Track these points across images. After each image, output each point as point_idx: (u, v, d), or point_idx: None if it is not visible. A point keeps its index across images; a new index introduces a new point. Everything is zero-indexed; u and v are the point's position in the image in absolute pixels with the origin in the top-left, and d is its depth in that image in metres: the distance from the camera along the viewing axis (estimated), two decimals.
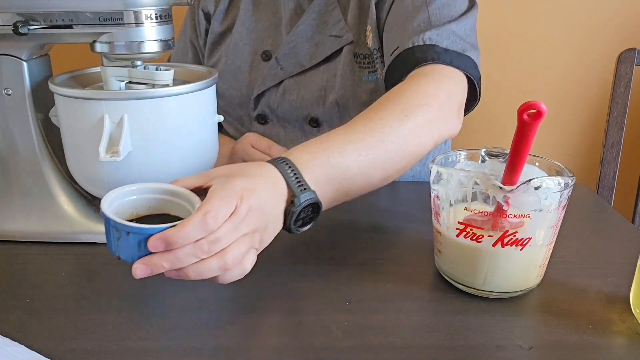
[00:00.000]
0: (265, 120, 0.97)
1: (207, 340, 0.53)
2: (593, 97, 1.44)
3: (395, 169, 0.66)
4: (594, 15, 1.37)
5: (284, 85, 0.94)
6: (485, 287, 0.59)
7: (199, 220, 0.49)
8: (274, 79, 0.94)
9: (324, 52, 0.91)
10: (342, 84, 0.90)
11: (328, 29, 0.91)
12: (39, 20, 0.64)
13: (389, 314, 0.57)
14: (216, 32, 1.01)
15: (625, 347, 0.53)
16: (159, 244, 0.49)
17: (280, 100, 0.94)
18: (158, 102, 0.66)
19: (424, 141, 0.68)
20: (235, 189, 0.53)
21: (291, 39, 0.92)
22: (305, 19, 0.92)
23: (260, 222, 0.54)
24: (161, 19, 0.66)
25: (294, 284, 0.62)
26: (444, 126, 0.71)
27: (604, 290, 0.61)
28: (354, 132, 0.63)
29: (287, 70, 0.93)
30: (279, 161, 0.58)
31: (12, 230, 0.71)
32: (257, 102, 0.97)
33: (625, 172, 1.24)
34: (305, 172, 0.58)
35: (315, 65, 0.92)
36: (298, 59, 0.92)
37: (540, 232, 0.56)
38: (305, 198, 0.57)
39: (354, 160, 0.61)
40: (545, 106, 0.52)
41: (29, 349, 0.50)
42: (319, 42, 0.91)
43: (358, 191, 0.64)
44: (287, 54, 0.92)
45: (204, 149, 0.74)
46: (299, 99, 0.93)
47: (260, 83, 0.95)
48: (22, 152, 0.71)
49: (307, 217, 0.59)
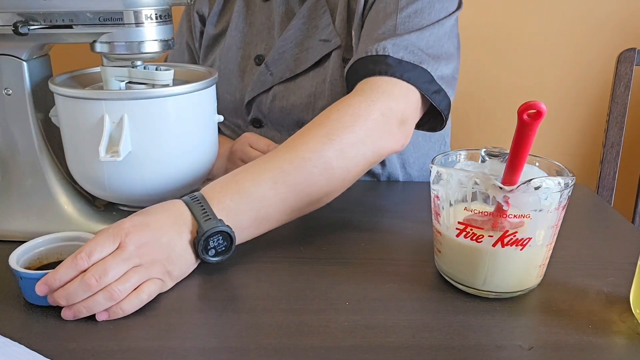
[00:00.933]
0: (260, 124, 0.97)
1: (207, 340, 0.53)
2: (593, 97, 1.44)
3: (323, 191, 0.67)
4: (593, 15, 1.37)
5: (273, 91, 0.92)
6: (485, 287, 0.59)
7: (70, 261, 0.55)
8: (264, 84, 0.92)
9: (313, 57, 0.89)
10: (331, 90, 0.88)
11: (317, 33, 0.89)
12: (39, 21, 0.64)
13: (389, 314, 0.57)
14: (210, 34, 1.00)
15: (625, 347, 0.53)
16: (43, 288, 0.55)
17: (270, 107, 0.93)
18: (158, 102, 0.66)
19: (354, 162, 0.68)
20: (122, 227, 0.58)
21: (280, 44, 0.91)
22: (295, 23, 0.90)
23: (157, 254, 0.58)
24: (161, 19, 0.66)
25: (294, 284, 0.62)
26: (379, 144, 0.71)
27: (604, 290, 0.61)
28: (273, 160, 0.66)
29: (276, 76, 0.91)
30: (190, 196, 0.62)
31: (12, 230, 0.71)
32: (249, 107, 0.96)
33: (625, 172, 1.24)
34: (213, 203, 0.61)
35: (305, 70, 0.90)
36: (287, 64, 0.91)
37: (540, 232, 0.56)
38: (209, 227, 0.59)
39: (270, 188, 0.63)
40: (545, 106, 0.52)
41: (29, 349, 0.50)
42: (308, 47, 0.89)
43: (282, 217, 0.66)
44: (276, 59, 0.91)
45: (203, 149, 0.74)
46: (289, 105, 0.91)
47: (250, 89, 0.93)
48: (22, 152, 0.71)
49: (220, 247, 0.62)
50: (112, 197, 0.72)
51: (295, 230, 0.74)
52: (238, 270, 0.65)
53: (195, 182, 0.75)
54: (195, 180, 0.74)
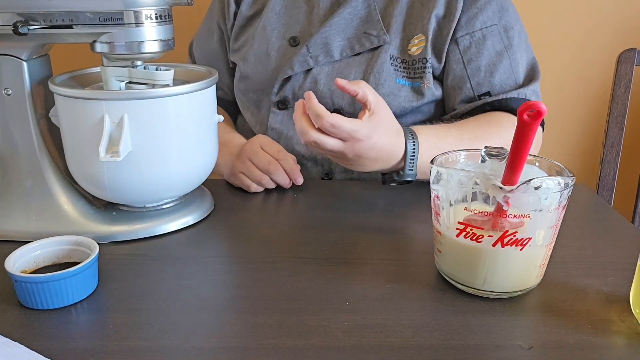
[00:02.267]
0: (286, 106, 0.98)
1: (207, 340, 0.53)
2: (593, 98, 1.44)
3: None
4: (593, 15, 1.37)
5: (312, 74, 0.94)
6: (485, 287, 0.59)
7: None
8: (303, 65, 0.94)
9: (357, 48, 0.93)
10: (374, 82, 0.91)
11: (364, 26, 0.93)
12: (39, 20, 0.64)
13: (389, 314, 0.57)
14: (245, 15, 1.02)
15: (624, 347, 0.53)
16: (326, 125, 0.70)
17: (307, 88, 0.94)
18: (158, 102, 0.66)
19: None
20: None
21: (325, 29, 0.93)
22: (342, 12, 0.93)
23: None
24: (161, 19, 0.66)
25: (294, 284, 0.62)
26: None
27: (603, 290, 0.61)
28: (457, 132, 0.85)
29: (317, 60, 0.93)
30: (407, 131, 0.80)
31: (12, 230, 0.71)
32: (281, 86, 0.97)
33: (625, 172, 1.24)
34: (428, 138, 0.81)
35: (347, 58, 0.94)
36: (329, 50, 0.93)
37: (540, 232, 0.56)
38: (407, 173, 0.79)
39: (450, 145, 0.81)
40: (545, 106, 0.52)
41: (29, 349, 0.50)
42: (352, 37, 0.93)
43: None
44: (318, 43, 0.93)
45: (203, 149, 0.74)
46: (327, 89, 0.94)
47: (287, 67, 0.94)
48: (22, 152, 0.71)
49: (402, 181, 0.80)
50: (112, 197, 0.72)
51: (295, 230, 0.74)
52: (238, 270, 0.66)
53: (195, 182, 0.75)
54: (195, 180, 0.74)
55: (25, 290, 0.56)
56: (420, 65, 0.92)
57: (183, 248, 0.70)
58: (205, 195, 0.81)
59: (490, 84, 0.92)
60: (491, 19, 0.91)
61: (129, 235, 0.71)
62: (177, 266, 0.66)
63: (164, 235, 0.72)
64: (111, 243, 0.70)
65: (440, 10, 0.91)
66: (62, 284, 0.56)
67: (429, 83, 0.92)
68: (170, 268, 0.65)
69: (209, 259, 0.68)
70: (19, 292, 0.57)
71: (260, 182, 0.86)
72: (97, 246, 0.61)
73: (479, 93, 0.93)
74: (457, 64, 0.92)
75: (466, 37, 0.92)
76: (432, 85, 0.93)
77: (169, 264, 0.66)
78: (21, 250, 0.60)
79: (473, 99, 0.93)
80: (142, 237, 0.71)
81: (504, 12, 0.92)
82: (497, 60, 0.92)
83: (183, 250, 0.70)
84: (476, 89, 0.93)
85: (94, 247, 0.60)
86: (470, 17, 0.91)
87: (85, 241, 0.62)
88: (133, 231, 0.71)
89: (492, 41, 0.92)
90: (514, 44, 0.92)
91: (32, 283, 0.56)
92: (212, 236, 0.74)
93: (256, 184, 0.86)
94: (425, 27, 0.91)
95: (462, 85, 0.93)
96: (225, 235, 0.74)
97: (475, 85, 0.93)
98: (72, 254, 0.62)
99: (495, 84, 0.92)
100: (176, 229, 0.73)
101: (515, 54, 0.92)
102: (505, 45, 0.92)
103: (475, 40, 0.91)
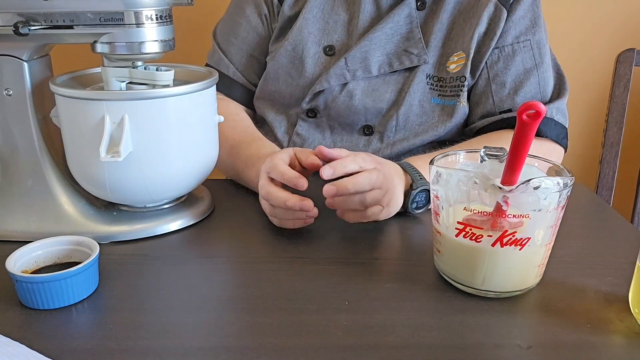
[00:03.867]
0: (315, 115, 0.95)
1: (207, 339, 0.53)
2: (592, 97, 1.44)
3: None
4: (593, 15, 1.37)
5: (348, 88, 0.91)
6: (484, 286, 0.59)
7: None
8: (339, 79, 0.91)
9: (396, 65, 0.90)
10: (408, 101, 0.89)
11: (404, 43, 0.90)
12: (40, 21, 0.64)
13: (389, 314, 0.57)
14: (286, 15, 0.97)
15: (623, 346, 0.53)
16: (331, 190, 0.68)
17: (340, 102, 0.92)
18: (158, 102, 0.66)
19: None
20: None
21: (365, 43, 0.90)
22: (384, 26, 0.90)
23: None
24: (161, 19, 0.66)
25: (294, 284, 0.62)
26: None
27: (602, 290, 0.61)
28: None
29: (354, 74, 0.91)
30: (399, 163, 0.78)
31: (12, 230, 0.71)
32: (314, 96, 0.93)
33: (624, 172, 1.24)
34: (422, 170, 0.77)
35: (384, 75, 0.91)
36: (367, 65, 0.90)
37: (539, 232, 0.57)
38: (420, 184, 0.75)
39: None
40: (544, 106, 0.52)
41: (29, 348, 0.50)
42: (392, 53, 0.90)
43: None
44: (357, 57, 0.90)
45: (204, 149, 0.74)
46: (361, 105, 0.91)
47: (324, 79, 0.91)
48: (22, 152, 0.71)
49: (421, 202, 0.77)
50: (113, 197, 0.72)
51: (295, 230, 0.74)
52: (238, 270, 0.66)
53: (195, 182, 0.75)
54: (195, 180, 0.74)
55: (26, 290, 0.56)
56: (458, 83, 0.89)
57: (183, 248, 0.70)
58: (205, 195, 0.81)
59: (513, 102, 0.88)
60: (524, 34, 0.89)
61: (130, 235, 0.71)
62: (177, 266, 0.66)
63: (164, 235, 0.72)
64: (112, 243, 0.70)
65: (482, 27, 0.88)
66: (63, 284, 0.57)
67: (463, 101, 0.89)
68: (170, 268, 0.65)
69: (209, 259, 0.68)
70: (20, 292, 0.57)
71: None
72: (98, 246, 0.61)
73: (501, 110, 0.89)
74: (481, 78, 0.90)
75: (495, 51, 0.89)
76: (465, 103, 0.90)
77: (169, 264, 0.66)
78: (22, 250, 0.60)
79: (493, 114, 0.89)
80: (143, 237, 0.71)
81: (537, 28, 0.89)
82: (524, 78, 0.88)
83: (183, 250, 0.70)
84: (498, 106, 0.89)
85: (95, 247, 0.61)
86: (503, 31, 0.88)
87: (85, 241, 0.62)
88: (133, 231, 0.71)
89: (521, 57, 0.89)
90: (545, 62, 0.89)
91: (32, 283, 0.56)
92: (212, 236, 0.74)
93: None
94: (467, 45, 0.88)
95: (485, 101, 0.90)
96: (225, 235, 0.74)
97: (497, 102, 0.89)
98: (73, 254, 0.63)
99: (518, 102, 0.88)
100: (176, 229, 0.73)
101: (546, 72, 0.89)
102: (536, 62, 0.89)
103: (504, 56, 0.89)
